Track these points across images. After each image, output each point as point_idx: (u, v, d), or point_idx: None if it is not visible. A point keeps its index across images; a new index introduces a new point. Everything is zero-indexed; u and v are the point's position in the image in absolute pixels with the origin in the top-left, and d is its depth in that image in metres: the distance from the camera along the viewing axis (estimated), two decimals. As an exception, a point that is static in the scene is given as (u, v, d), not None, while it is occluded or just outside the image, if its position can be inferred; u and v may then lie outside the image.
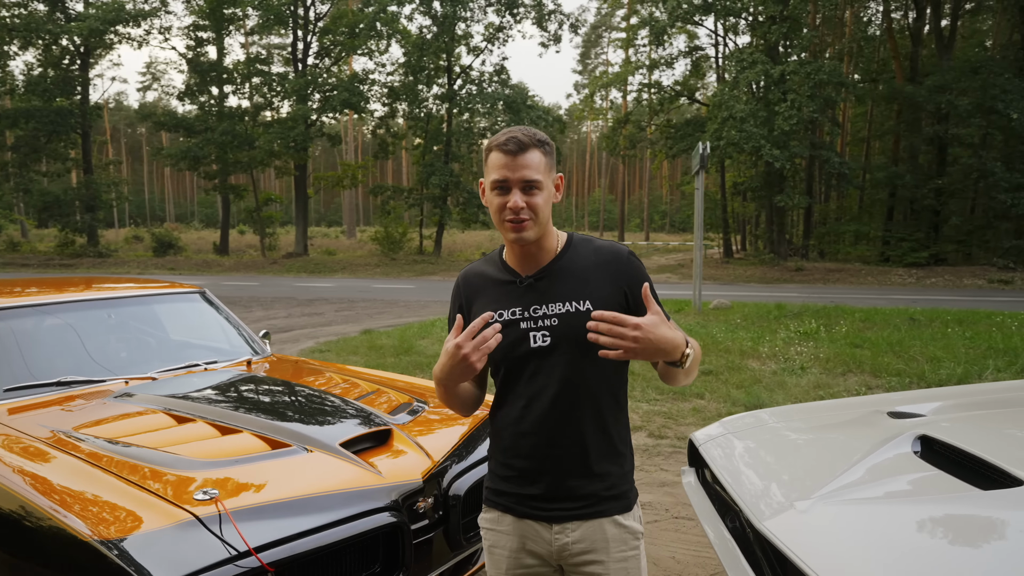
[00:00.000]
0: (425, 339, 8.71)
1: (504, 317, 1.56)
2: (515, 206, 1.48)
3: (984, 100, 21.68)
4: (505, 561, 1.64)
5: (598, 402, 1.57)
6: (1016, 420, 2.19)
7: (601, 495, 1.58)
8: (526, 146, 1.49)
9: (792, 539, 1.73)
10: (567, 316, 1.53)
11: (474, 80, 25.85)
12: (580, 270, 1.57)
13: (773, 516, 1.86)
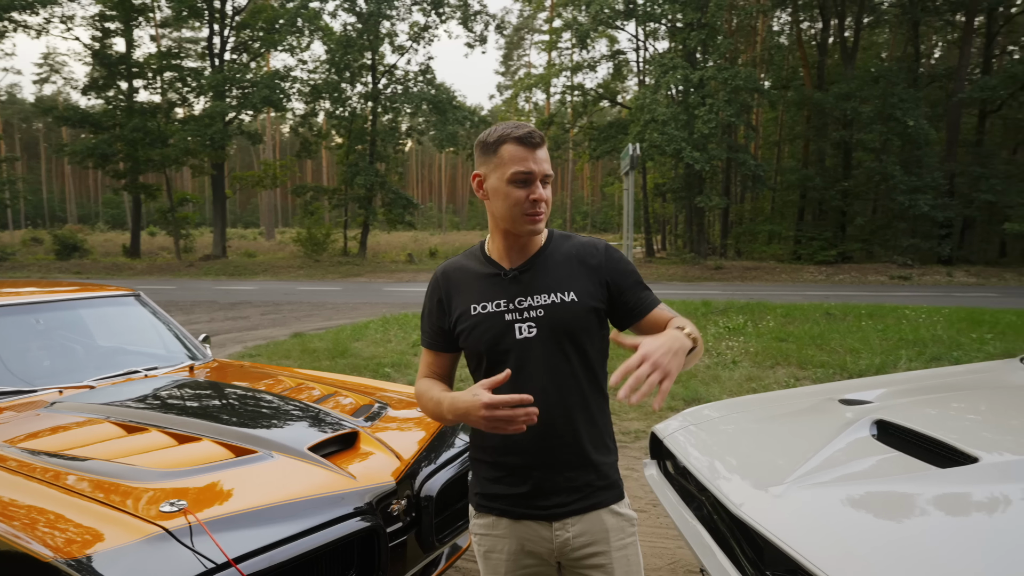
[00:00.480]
0: (360, 341, 8.55)
1: (488, 309, 1.55)
2: (541, 197, 1.49)
3: (884, 108, 23.10)
4: (504, 565, 1.61)
5: (585, 392, 1.57)
6: (958, 403, 2.35)
7: (596, 485, 1.58)
8: (543, 140, 1.51)
9: (770, 522, 1.80)
10: (552, 307, 1.53)
11: (399, 79, 25.57)
12: (563, 263, 1.58)
13: (749, 502, 1.93)
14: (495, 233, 1.61)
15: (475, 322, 1.56)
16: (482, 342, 1.54)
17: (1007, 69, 24.53)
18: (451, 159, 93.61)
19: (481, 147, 1.55)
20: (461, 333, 1.59)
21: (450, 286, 1.63)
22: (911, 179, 23.30)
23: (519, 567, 1.61)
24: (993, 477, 1.73)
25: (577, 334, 1.54)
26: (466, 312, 1.58)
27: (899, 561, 1.52)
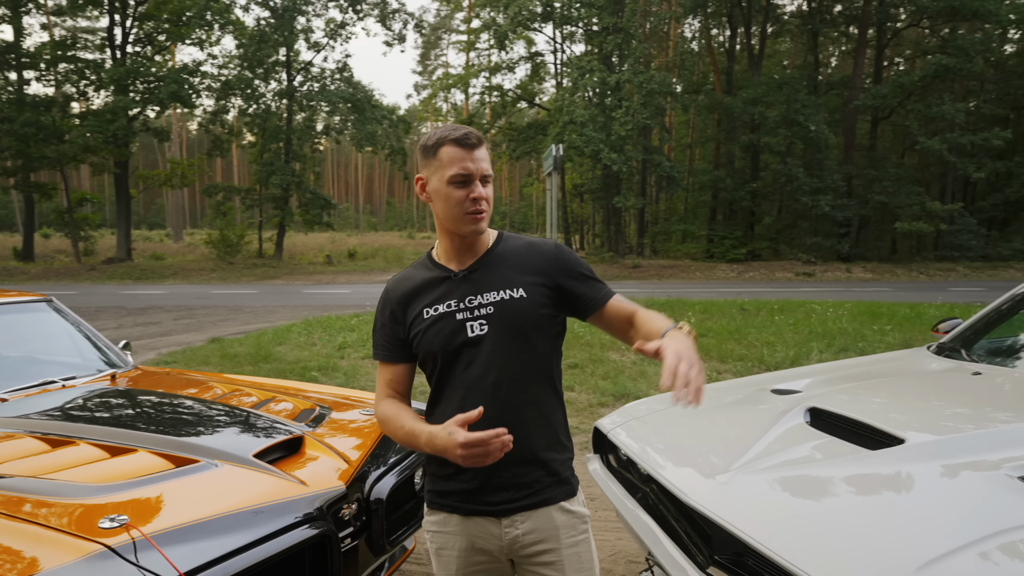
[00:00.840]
0: (283, 345, 8.31)
1: (440, 310, 1.57)
2: (481, 196, 1.52)
3: (788, 113, 24.34)
4: (455, 562, 1.62)
5: (536, 389, 1.58)
6: (880, 389, 2.51)
7: (544, 482, 1.59)
8: (481, 140, 1.54)
9: (719, 508, 1.88)
10: (502, 304, 1.55)
11: (315, 77, 24.95)
12: (512, 261, 1.61)
13: (698, 490, 2.00)
14: (442, 236, 1.63)
15: (428, 324, 1.58)
16: (435, 342, 1.56)
17: (895, 79, 26.31)
18: (368, 158, 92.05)
19: (422, 151, 1.58)
20: (415, 337, 1.60)
21: (401, 296, 1.64)
22: (813, 181, 24.64)
23: (470, 564, 1.62)
24: (919, 456, 1.86)
25: (527, 331, 1.57)
26: (419, 316, 1.59)
27: (840, 537, 1.62)
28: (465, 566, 1.62)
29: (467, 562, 1.62)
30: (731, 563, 1.91)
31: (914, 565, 1.46)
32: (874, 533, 1.61)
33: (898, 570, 1.46)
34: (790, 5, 32.10)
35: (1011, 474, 1.73)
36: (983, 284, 20.37)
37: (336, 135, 25.43)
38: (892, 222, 26.89)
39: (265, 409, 2.73)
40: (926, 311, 10.67)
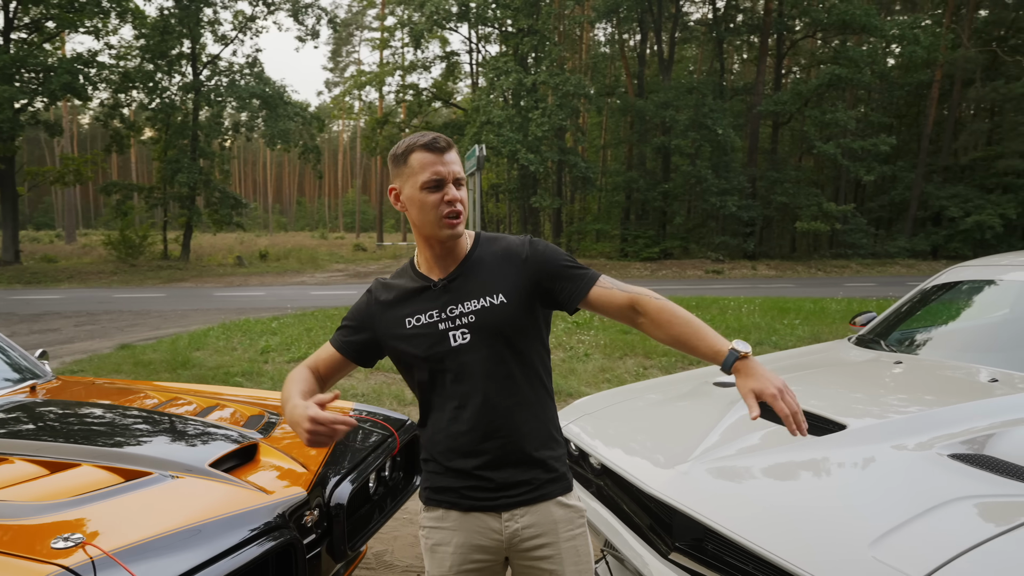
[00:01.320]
0: (201, 350, 7.96)
1: (423, 321, 1.58)
2: (455, 197, 1.52)
3: (697, 117, 25.31)
4: (450, 558, 1.61)
5: (525, 391, 1.60)
6: (815, 379, 2.68)
7: (542, 478, 1.61)
8: (450, 145, 1.55)
9: (682, 497, 1.97)
10: (483, 311, 1.56)
11: (223, 71, 23.96)
12: (490, 265, 1.61)
13: (659, 480, 2.09)
14: (421, 245, 1.64)
15: (410, 335, 1.58)
16: (419, 352, 1.57)
17: (794, 87, 27.83)
18: (277, 156, 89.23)
19: (393, 161, 1.59)
20: (396, 346, 1.61)
21: (384, 300, 1.65)
22: (721, 182, 25.73)
23: (465, 561, 1.61)
24: (860, 440, 2.02)
25: (510, 335, 1.57)
26: (400, 326, 1.60)
27: (797, 517, 1.74)
28: (460, 563, 1.61)
29: (463, 559, 1.61)
30: (692, 548, 2.01)
31: (868, 539, 1.59)
32: (828, 511, 1.74)
33: (854, 544, 1.59)
34: (696, 13, 33.37)
35: (942, 452, 1.90)
36: (874, 280, 21.88)
37: (247, 132, 24.50)
38: (792, 222, 28.43)
39: (209, 417, 2.64)
40: (828, 306, 11.37)
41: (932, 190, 28.87)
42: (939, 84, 29.45)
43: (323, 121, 26.43)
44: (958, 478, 1.77)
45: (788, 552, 1.64)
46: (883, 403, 2.34)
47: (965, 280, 3.31)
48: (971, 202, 27.56)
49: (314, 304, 13.68)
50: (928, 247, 28.54)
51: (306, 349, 7.57)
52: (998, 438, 1.96)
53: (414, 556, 3.29)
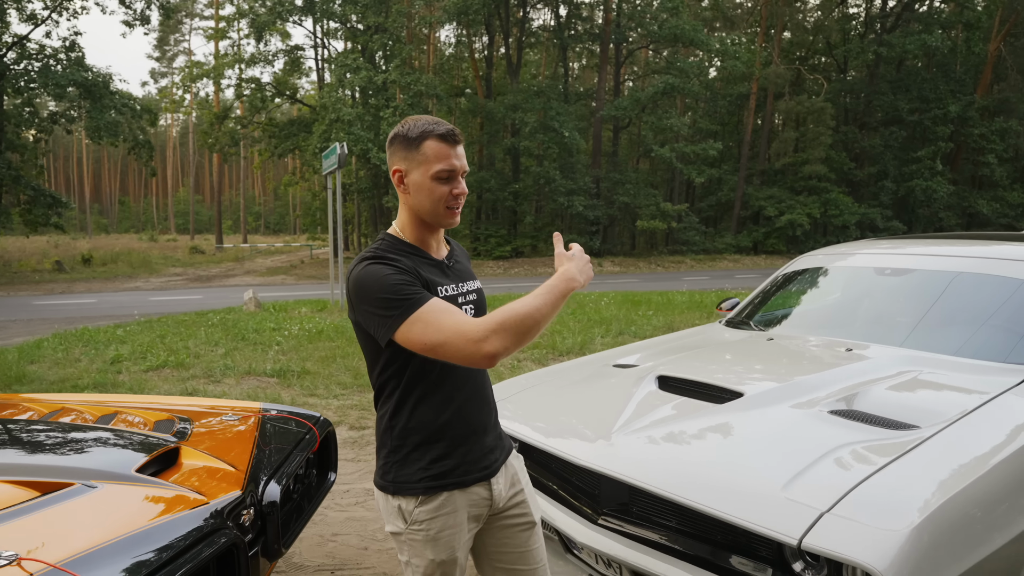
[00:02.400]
0: (36, 364, 7.19)
1: (449, 292, 1.64)
2: (464, 192, 1.61)
3: (545, 119, 26.24)
4: (456, 538, 1.66)
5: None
6: (702, 357, 2.99)
7: (504, 439, 1.84)
8: (461, 138, 1.62)
9: (612, 465, 2.16)
10: (478, 292, 1.76)
11: (33, 54, 21.43)
12: (462, 255, 1.82)
13: (587, 453, 2.27)
14: (414, 225, 1.66)
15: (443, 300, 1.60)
16: None
17: (632, 94, 29.65)
18: (95, 151, 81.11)
19: (402, 141, 1.60)
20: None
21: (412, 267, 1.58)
22: (568, 183, 26.87)
23: (468, 536, 1.70)
24: (757, 404, 2.32)
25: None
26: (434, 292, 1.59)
27: (717, 472, 1.99)
28: (465, 539, 1.68)
29: (466, 532, 1.68)
30: (619, 512, 2.21)
31: (780, 483, 1.86)
32: (742, 465, 2.00)
33: (768, 488, 1.85)
34: (538, 20, 34.53)
35: (823, 410, 2.24)
36: (707, 273, 23.87)
37: (66, 124, 22.09)
38: (633, 221, 30.29)
39: (118, 423, 2.49)
40: (674, 298, 12.32)
41: (752, 192, 31.94)
42: (755, 96, 32.63)
43: (155, 114, 24.45)
44: (840, 430, 2.10)
45: (714, 501, 1.88)
46: (767, 373, 2.68)
47: (811, 267, 3.81)
48: (784, 203, 30.83)
49: (157, 311, 12.72)
50: (750, 243, 31.55)
51: (165, 356, 7.08)
52: (861, 396, 2.33)
53: (324, 555, 3.26)
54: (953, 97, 32.05)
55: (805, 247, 32.00)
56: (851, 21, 36.01)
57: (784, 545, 1.78)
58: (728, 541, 1.93)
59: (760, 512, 1.80)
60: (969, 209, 33.44)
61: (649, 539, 2.10)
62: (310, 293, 16.47)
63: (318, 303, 12.57)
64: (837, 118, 33.14)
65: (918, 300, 3.04)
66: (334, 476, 2.98)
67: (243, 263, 30.03)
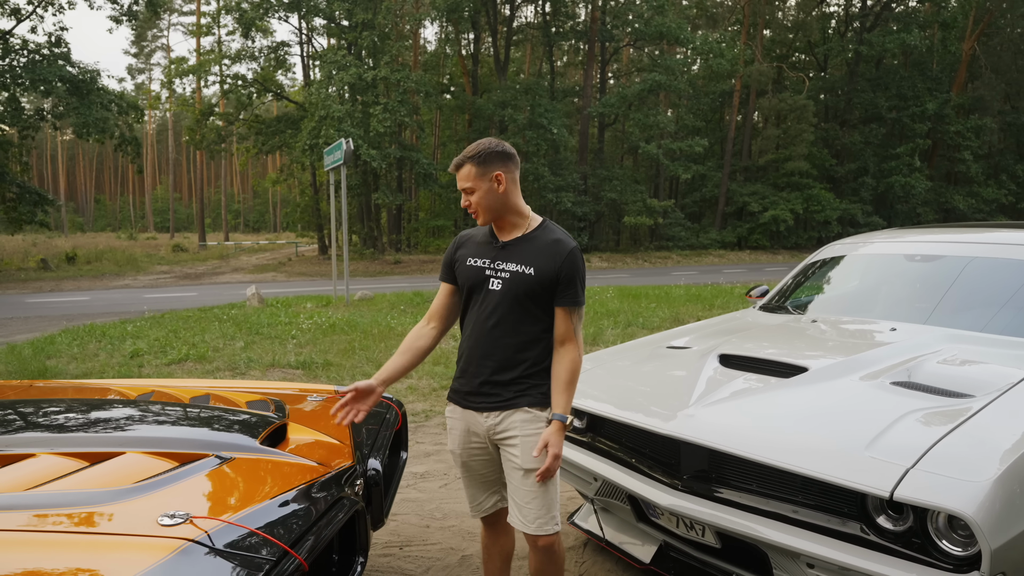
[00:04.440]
0: (54, 359, 7.22)
1: (477, 263, 2.25)
2: (464, 204, 2.23)
3: (533, 116, 26.40)
4: (458, 438, 2.33)
5: (522, 335, 2.20)
6: (754, 338, 3.18)
7: (509, 394, 2.21)
8: (460, 164, 2.19)
9: (698, 433, 2.34)
10: (515, 274, 2.18)
11: (16, 49, 21.10)
12: (536, 247, 2.20)
13: (669, 424, 2.44)
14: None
15: (466, 267, 2.26)
16: (466, 282, 2.25)
17: (619, 91, 29.91)
18: (70, 149, 79.83)
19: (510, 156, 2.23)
20: (458, 272, 2.30)
21: (460, 244, 2.34)
22: (556, 179, 27.06)
23: (467, 441, 2.31)
24: (824, 378, 2.50)
25: (525, 297, 2.17)
26: (464, 260, 2.28)
27: (801, 437, 2.17)
28: (464, 442, 2.32)
29: (465, 440, 2.31)
30: (699, 477, 2.39)
31: (861, 445, 2.04)
32: (822, 430, 2.19)
33: (852, 450, 2.04)
34: (521, 17, 34.66)
35: (886, 381, 2.43)
36: (694, 268, 24.21)
37: (53, 120, 21.80)
38: (619, 217, 30.58)
39: (216, 402, 2.61)
40: (672, 291, 12.56)
41: (736, 188, 32.39)
42: (739, 93, 33.06)
43: (142, 111, 24.22)
44: (905, 398, 2.29)
45: (802, 462, 2.06)
46: (824, 350, 2.87)
47: (838, 256, 4.03)
48: (767, 198, 31.32)
49: (155, 307, 12.70)
50: (735, 238, 32.00)
51: (186, 350, 7.15)
52: (916, 369, 2.53)
53: (388, 533, 3.40)
54: (930, 95, 32.77)
55: (788, 242, 32.54)
56: (830, 20, 36.62)
57: (870, 498, 1.97)
58: (810, 499, 2.12)
59: (848, 469, 1.98)
60: (946, 204, 34.21)
61: (731, 501, 2.28)
62: (307, 289, 16.48)
63: (321, 299, 12.64)
64: (818, 115, 33.73)
65: (949, 283, 3.26)
66: (406, 454, 3.12)
67: (228, 261, 29.86)
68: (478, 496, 2.40)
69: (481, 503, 2.40)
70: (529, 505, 2.19)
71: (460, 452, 2.34)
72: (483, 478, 2.36)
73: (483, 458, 2.32)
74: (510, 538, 2.49)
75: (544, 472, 2.10)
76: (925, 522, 1.90)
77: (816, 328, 3.24)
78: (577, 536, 3.34)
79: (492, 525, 2.45)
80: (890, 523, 1.98)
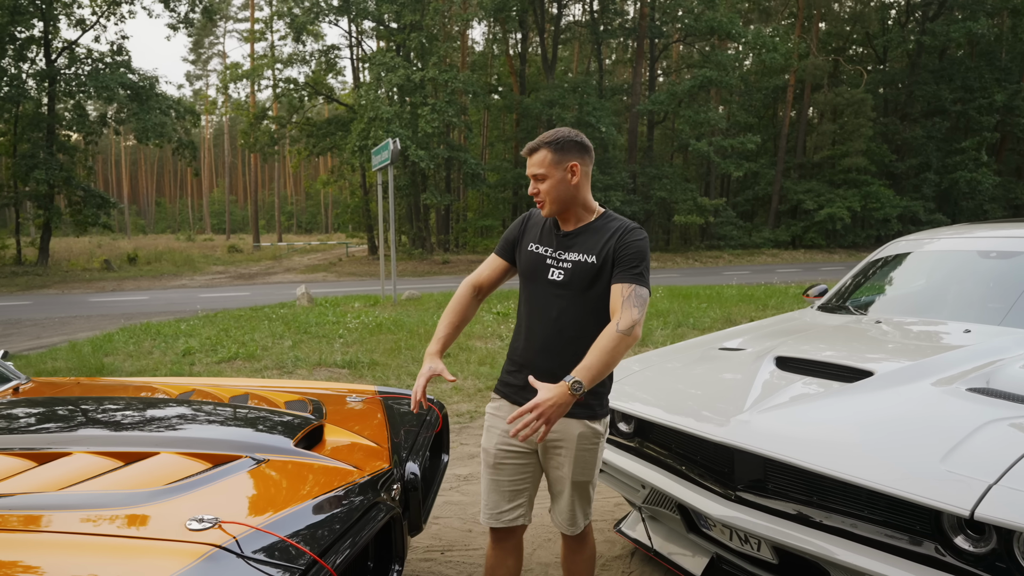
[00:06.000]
0: (110, 356, 7.42)
1: (539, 251, 2.14)
2: (531, 191, 2.09)
3: (581, 115, 26.19)
4: (495, 437, 2.17)
5: (583, 331, 2.02)
6: (813, 339, 3.00)
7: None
8: (535, 148, 2.06)
9: (754, 440, 2.19)
10: (577, 264, 2.06)
11: (81, 58, 21.96)
12: (599, 236, 2.08)
13: (724, 430, 2.29)
14: None
15: (527, 254, 2.16)
16: (526, 270, 2.15)
17: (669, 88, 29.44)
18: (132, 154, 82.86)
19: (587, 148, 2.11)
20: (518, 255, 2.20)
21: (528, 226, 2.22)
22: (605, 178, 26.78)
23: (507, 442, 2.14)
24: (891, 383, 2.32)
25: (589, 287, 2.04)
26: (526, 244, 2.18)
27: (869, 447, 2.00)
28: (502, 441, 2.15)
29: (504, 440, 2.14)
30: (755, 488, 2.24)
31: (936, 457, 1.87)
32: (891, 439, 2.01)
33: (925, 463, 1.86)
34: (569, 15, 34.43)
35: (961, 387, 2.24)
36: (747, 268, 23.63)
37: (115, 126, 22.62)
38: (669, 216, 30.10)
39: (255, 402, 2.58)
40: (724, 291, 12.24)
41: (790, 185, 31.53)
42: (792, 88, 32.18)
43: (198, 115, 24.93)
44: (983, 407, 2.09)
45: (869, 474, 1.89)
46: (890, 352, 2.68)
47: (902, 253, 3.79)
48: (823, 196, 30.38)
49: (209, 306, 12.99)
50: (788, 237, 31.15)
51: (235, 348, 7.25)
52: (996, 374, 2.32)
53: (430, 536, 3.33)
54: (999, 86, 31.27)
55: (845, 241, 31.52)
56: (890, 10, 35.33)
57: (946, 516, 1.80)
58: (877, 514, 1.95)
59: (921, 484, 1.81)
60: (1015, 201, 32.65)
61: (790, 513, 2.12)
62: (355, 289, 16.66)
63: (369, 298, 12.74)
64: (877, 110, 32.57)
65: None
66: (447, 457, 3.05)
67: (281, 261, 30.47)
68: (501, 504, 2.18)
69: (502, 513, 2.18)
70: (571, 509, 2.16)
71: (494, 452, 2.17)
72: (512, 485, 2.17)
73: (518, 463, 2.16)
74: (519, 559, 2.28)
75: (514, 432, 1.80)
76: (1011, 544, 1.72)
77: (880, 329, 3.04)
78: (624, 545, 3.21)
79: (503, 541, 2.23)
80: (969, 544, 1.80)
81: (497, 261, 2.25)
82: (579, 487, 2.14)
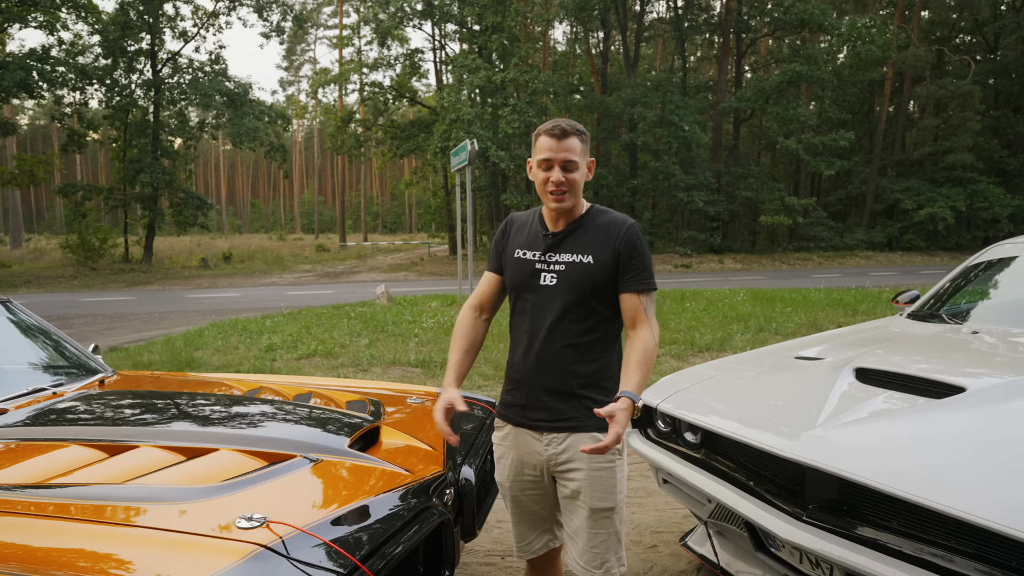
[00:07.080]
0: (200, 350, 7.78)
1: (526, 255, 1.97)
2: (557, 180, 1.87)
3: (664, 114, 25.68)
4: (507, 469, 2.04)
5: (586, 338, 1.91)
6: (900, 350, 2.78)
7: (577, 413, 1.90)
8: (568, 133, 1.87)
9: (826, 457, 2.03)
10: (572, 265, 1.91)
11: (183, 68, 23.31)
12: (591, 232, 1.94)
13: (795, 445, 2.14)
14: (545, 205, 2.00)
15: (514, 261, 1.99)
16: (515, 279, 1.98)
17: (756, 84, 28.46)
18: (229, 157, 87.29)
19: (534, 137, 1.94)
20: (505, 265, 2.04)
21: (511, 231, 2.07)
22: (688, 178, 26.18)
23: (519, 474, 2.02)
24: (986, 400, 2.11)
25: (587, 290, 1.89)
26: (512, 252, 2.01)
27: (952, 471, 1.82)
28: (515, 473, 2.03)
29: (517, 471, 2.02)
30: (827, 508, 2.08)
31: (1035, 488, 1.67)
32: (989, 465, 1.82)
33: (1020, 490, 1.67)
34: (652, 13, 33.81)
35: (1069, 409, 2.01)
36: (837, 271, 22.55)
37: (212, 131, 23.91)
38: (755, 216, 29.10)
39: (313, 403, 2.61)
40: (810, 295, 11.70)
41: (886, 184, 29.88)
42: (891, 81, 30.48)
43: (289, 119, 25.97)
44: (1096, 430, 1.87)
45: (960, 502, 1.71)
46: (986, 366, 2.45)
47: (1007, 257, 3.47)
48: (923, 195, 28.62)
49: (294, 303, 13.48)
50: (884, 239, 29.53)
51: (315, 346, 7.47)
52: (1109, 395, 2.08)
53: (491, 541, 3.30)
54: None
55: (948, 243, 29.62)
56: (1003, -5, 32.94)
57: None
58: (967, 546, 1.77)
59: (1013, 518, 1.62)
60: None
61: (865, 538, 1.96)
62: (435, 289, 16.92)
63: (446, 298, 12.89)
64: (986, 102, 30.43)
65: None
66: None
67: (366, 260, 31.33)
68: (527, 535, 2.11)
69: (530, 543, 2.11)
70: (596, 548, 1.93)
71: (509, 485, 2.06)
72: (535, 515, 2.08)
73: (536, 492, 2.04)
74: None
75: (599, 447, 1.69)
76: None
77: (978, 340, 2.79)
78: (690, 559, 3.08)
79: (540, 568, 2.17)
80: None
81: (491, 277, 2.09)
82: (599, 516, 1.92)
